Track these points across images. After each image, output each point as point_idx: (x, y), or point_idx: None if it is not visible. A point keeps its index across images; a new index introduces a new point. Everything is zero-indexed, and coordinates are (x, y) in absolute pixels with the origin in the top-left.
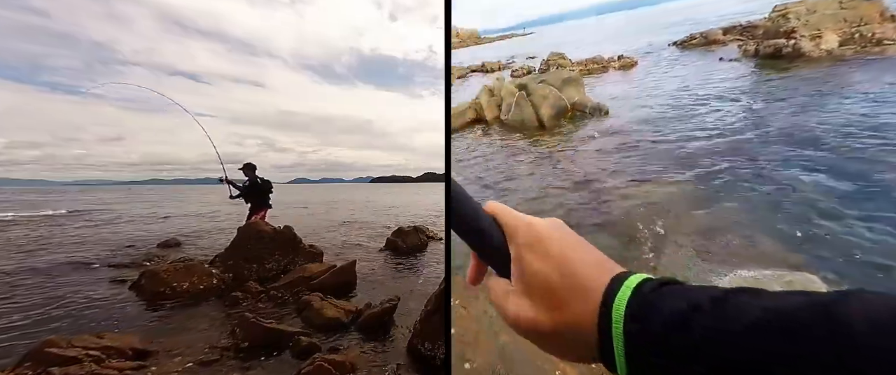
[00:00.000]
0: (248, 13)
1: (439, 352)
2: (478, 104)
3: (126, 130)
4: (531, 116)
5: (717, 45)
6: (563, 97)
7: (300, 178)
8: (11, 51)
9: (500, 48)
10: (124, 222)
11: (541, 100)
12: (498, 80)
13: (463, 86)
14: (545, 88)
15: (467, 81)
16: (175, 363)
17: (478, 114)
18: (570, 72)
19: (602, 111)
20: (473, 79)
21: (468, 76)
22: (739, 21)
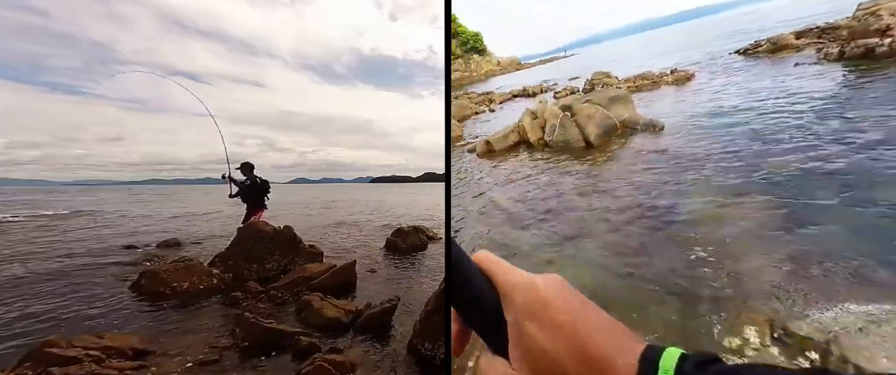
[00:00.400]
0: (248, 13)
1: (439, 352)
2: (521, 127)
3: (126, 130)
4: (577, 136)
5: (789, 51)
6: (610, 115)
7: (300, 178)
8: (11, 51)
9: (541, 72)
10: (124, 222)
11: (586, 119)
12: (541, 103)
13: (504, 111)
14: (591, 108)
15: (509, 106)
16: (175, 363)
17: (521, 137)
18: (617, 89)
19: (656, 127)
20: (515, 104)
21: (509, 101)
22: (815, 23)
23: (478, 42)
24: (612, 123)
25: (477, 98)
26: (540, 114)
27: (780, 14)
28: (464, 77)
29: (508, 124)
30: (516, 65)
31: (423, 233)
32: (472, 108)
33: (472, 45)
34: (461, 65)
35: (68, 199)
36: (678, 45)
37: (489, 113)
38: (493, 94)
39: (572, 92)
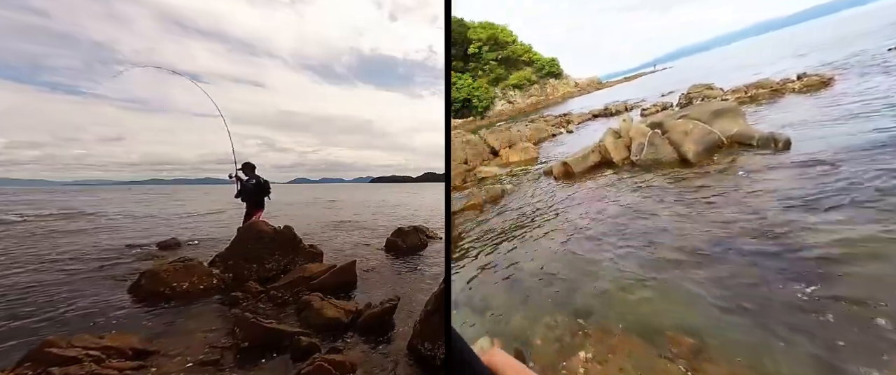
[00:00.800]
0: (248, 13)
1: (439, 352)
2: (602, 147)
3: (126, 130)
4: (670, 154)
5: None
6: (712, 130)
7: (300, 178)
8: (11, 51)
9: (625, 90)
10: (124, 222)
11: (682, 136)
12: (624, 122)
13: (583, 132)
14: (687, 123)
15: (589, 126)
16: (175, 363)
17: (603, 157)
18: (721, 102)
19: (778, 143)
20: (595, 124)
21: (589, 122)
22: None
23: (554, 67)
24: (715, 139)
25: (553, 120)
26: (624, 132)
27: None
28: (540, 101)
29: (588, 144)
30: (597, 85)
31: (423, 233)
32: (549, 131)
33: (547, 70)
34: (537, 90)
35: (68, 199)
36: (803, 45)
37: (567, 134)
38: (570, 115)
39: (664, 108)
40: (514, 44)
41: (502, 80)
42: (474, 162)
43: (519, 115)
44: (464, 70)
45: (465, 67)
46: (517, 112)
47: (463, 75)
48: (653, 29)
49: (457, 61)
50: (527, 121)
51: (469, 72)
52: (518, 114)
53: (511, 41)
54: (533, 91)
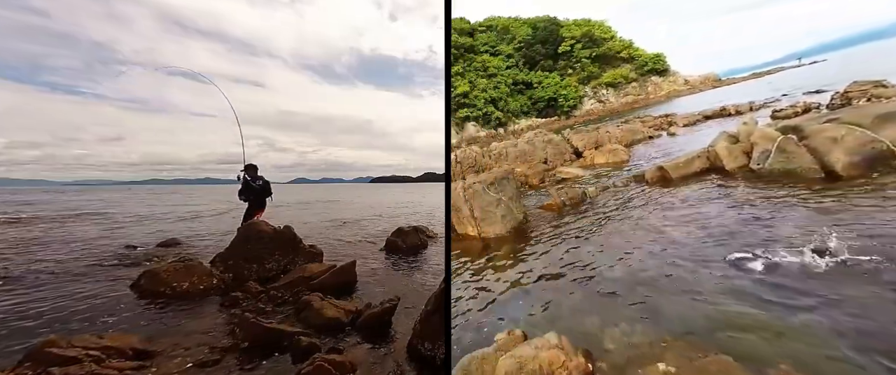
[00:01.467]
0: (248, 13)
1: (439, 352)
2: (711, 152)
3: (126, 130)
4: (809, 165)
5: None
6: (878, 138)
7: (300, 178)
8: (11, 51)
9: (754, 88)
10: (124, 222)
11: (829, 143)
12: (745, 124)
13: (686, 136)
14: (838, 128)
15: (696, 130)
16: (175, 363)
17: (711, 163)
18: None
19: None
20: (707, 127)
21: (700, 123)
22: None
23: (659, 63)
24: (880, 149)
25: (652, 121)
26: (744, 136)
27: None
28: (637, 100)
29: (694, 149)
30: (713, 82)
31: (423, 233)
32: (644, 132)
33: (650, 67)
34: (635, 89)
35: (68, 199)
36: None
37: (667, 137)
38: (674, 117)
39: (806, 109)
40: (612, 40)
41: (594, 79)
42: (555, 162)
43: (610, 116)
44: (552, 69)
45: (554, 66)
46: (609, 112)
47: (550, 74)
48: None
49: (545, 60)
50: (619, 121)
51: (557, 70)
52: (609, 115)
53: (608, 37)
54: (629, 90)
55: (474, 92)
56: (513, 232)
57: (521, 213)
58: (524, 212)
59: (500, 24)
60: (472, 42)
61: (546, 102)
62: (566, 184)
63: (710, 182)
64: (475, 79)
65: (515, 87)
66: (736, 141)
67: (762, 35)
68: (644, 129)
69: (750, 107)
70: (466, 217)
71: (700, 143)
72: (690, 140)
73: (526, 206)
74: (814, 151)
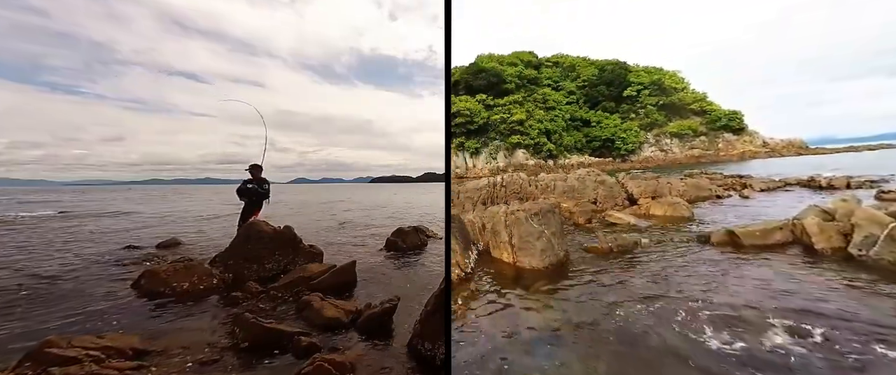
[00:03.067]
0: (248, 13)
1: (439, 352)
2: (799, 225)
3: (126, 130)
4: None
5: None
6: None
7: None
8: (11, 51)
9: (844, 161)
10: (124, 222)
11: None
12: (845, 201)
13: (762, 201)
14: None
15: (774, 197)
16: (175, 363)
17: (796, 238)
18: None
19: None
20: (785, 197)
21: (776, 191)
22: None
23: (734, 120)
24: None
25: (722, 180)
26: (840, 215)
27: None
28: (704, 155)
29: (772, 218)
30: (798, 149)
31: (423, 233)
32: (712, 190)
33: (723, 123)
34: (702, 143)
35: (69, 199)
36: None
37: (739, 198)
38: (750, 179)
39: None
40: (683, 91)
41: (658, 126)
42: (605, 204)
43: (672, 166)
44: (614, 111)
45: (616, 108)
46: (670, 162)
47: (611, 115)
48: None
49: (608, 101)
50: (682, 174)
51: (619, 113)
52: (671, 165)
53: (680, 88)
54: (697, 143)
55: (530, 121)
56: (550, 267)
57: (563, 251)
58: (566, 251)
59: (567, 62)
60: (537, 74)
61: (602, 142)
62: (615, 229)
63: (794, 257)
64: (533, 109)
65: (572, 123)
66: (831, 218)
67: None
68: (711, 186)
69: (848, 182)
70: (504, 242)
71: (779, 213)
72: (768, 207)
73: (569, 244)
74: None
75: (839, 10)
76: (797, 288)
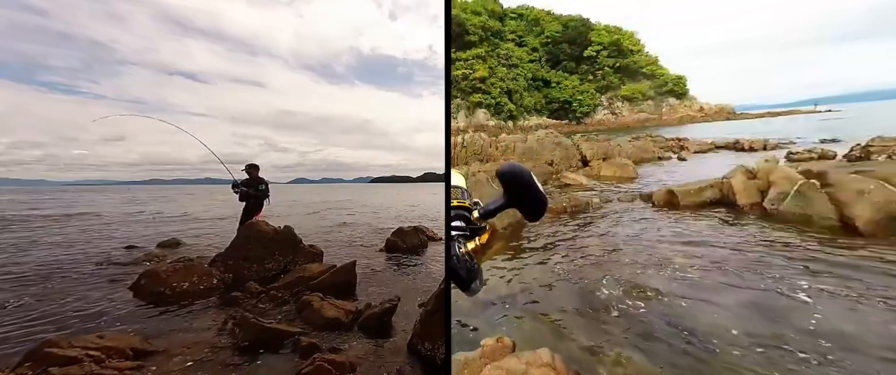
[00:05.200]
0: (247, 13)
1: (439, 352)
2: (726, 184)
3: (126, 130)
4: (828, 213)
5: None
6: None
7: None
8: (11, 51)
9: (762, 126)
10: (125, 222)
11: (853, 195)
12: (767, 162)
13: (695, 162)
14: (867, 182)
15: (705, 158)
16: (175, 363)
17: (723, 196)
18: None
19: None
20: (716, 157)
21: (710, 152)
22: None
23: (679, 86)
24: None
25: (664, 142)
26: (762, 174)
27: None
28: (649, 119)
29: (704, 177)
30: (728, 114)
31: (423, 233)
32: (655, 152)
33: (670, 88)
34: (649, 107)
35: (69, 199)
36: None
37: (677, 161)
38: (686, 141)
39: (823, 156)
40: (639, 54)
41: (612, 89)
42: (560, 166)
43: (621, 129)
44: (574, 71)
45: (576, 69)
46: (620, 125)
47: (570, 76)
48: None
49: (569, 62)
50: (630, 137)
51: (578, 74)
52: (620, 128)
53: (636, 50)
54: (644, 107)
55: (492, 79)
56: (509, 228)
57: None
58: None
59: (533, 15)
60: (501, 27)
61: (560, 104)
62: (570, 190)
63: (718, 216)
64: (495, 66)
65: (533, 83)
66: (753, 176)
67: (782, 76)
68: (655, 149)
69: (764, 144)
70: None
71: (710, 173)
72: (700, 167)
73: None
74: (836, 201)
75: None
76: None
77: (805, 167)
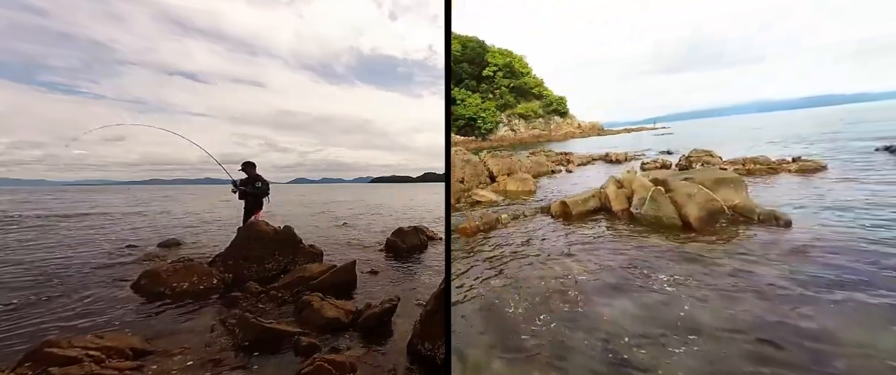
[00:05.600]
0: (247, 13)
1: (439, 352)
2: (603, 194)
3: (126, 130)
4: (672, 214)
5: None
6: (715, 198)
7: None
8: (11, 51)
9: (624, 141)
10: (124, 222)
11: (685, 198)
12: (629, 172)
13: (580, 174)
14: (691, 186)
15: (588, 170)
16: (175, 363)
17: (602, 204)
18: (726, 171)
19: (780, 221)
20: (593, 168)
21: (589, 165)
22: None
23: (562, 105)
24: (718, 207)
25: (555, 157)
26: (627, 183)
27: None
28: (542, 135)
29: (587, 188)
30: (598, 131)
31: (423, 233)
32: (548, 166)
33: (555, 107)
34: (541, 124)
35: (69, 199)
36: (797, 131)
37: (566, 173)
38: (571, 156)
39: (663, 165)
40: (528, 75)
41: (509, 108)
42: (471, 183)
43: (519, 145)
44: (476, 90)
45: (477, 88)
46: (518, 141)
47: (473, 94)
48: (658, 89)
49: (470, 80)
50: (528, 152)
51: (480, 93)
52: (519, 144)
53: (526, 72)
54: (537, 124)
55: None
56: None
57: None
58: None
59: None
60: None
61: (466, 121)
62: (480, 207)
63: (601, 222)
64: None
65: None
66: (621, 186)
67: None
68: (548, 163)
69: (625, 156)
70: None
71: (591, 183)
72: (584, 178)
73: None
74: (676, 203)
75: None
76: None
77: (653, 176)
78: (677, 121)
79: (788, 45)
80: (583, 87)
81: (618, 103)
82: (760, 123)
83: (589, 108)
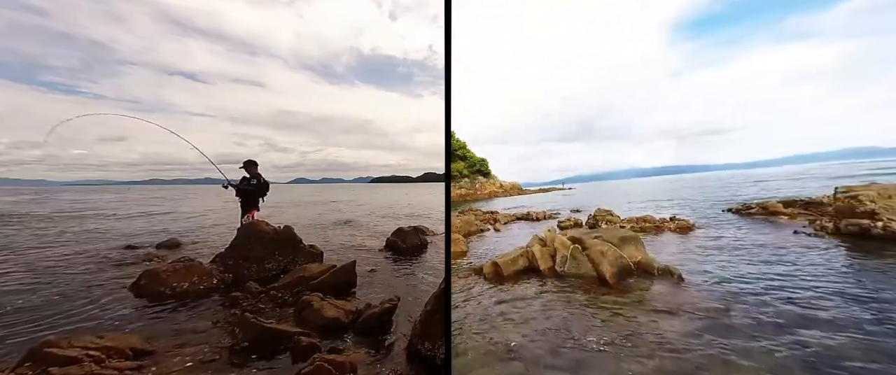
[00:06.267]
0: (247, 13)
1: (439, 352)
2: (530, 253)
3: (126, 130)
4: (590, 271)
5: (778, 216)
6: (623, 255)
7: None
8: (11, 51)
9: (539, 199)
10: (124, 222)
11: (599, 256)
12: (549, 231)
13: (506, 232)
14: (603, 244)
15: (511, 227)
16: (175, 363)
17: (530, 263)
18: (627, 230)
19: (674, 275)
20: (517, 226)
21: (513, 223)
22: (799, 196)
23: (484, 166)
24: (625, 264)
25: (482, 215)
26: (549, 242)
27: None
28: (469, 194)
29: (515, 246)
30: (518, 190)
31: (423, 233)
32: (477, 225)
33: (478, 168)
34: (467, 183)
35: (69, 199)
36: (666, 195)
37: (494, 232)
38: (498, 215)
39: (576, 224)
40: (453, 139)
41: None
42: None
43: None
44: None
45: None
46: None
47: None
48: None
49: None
50: (457, 211)
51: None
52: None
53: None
54: (463, 183)
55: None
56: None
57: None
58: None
59: None
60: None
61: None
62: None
63: (531, 281)
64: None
65: None
66: (545, 244)
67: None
68: (477, 222)
69: (545, 214)
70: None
71: (517, 241)
72: (510, 237)
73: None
74: (592, 261)
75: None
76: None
77: (570, 234)
78: (578, 183)
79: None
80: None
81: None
82: (630, 189)
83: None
